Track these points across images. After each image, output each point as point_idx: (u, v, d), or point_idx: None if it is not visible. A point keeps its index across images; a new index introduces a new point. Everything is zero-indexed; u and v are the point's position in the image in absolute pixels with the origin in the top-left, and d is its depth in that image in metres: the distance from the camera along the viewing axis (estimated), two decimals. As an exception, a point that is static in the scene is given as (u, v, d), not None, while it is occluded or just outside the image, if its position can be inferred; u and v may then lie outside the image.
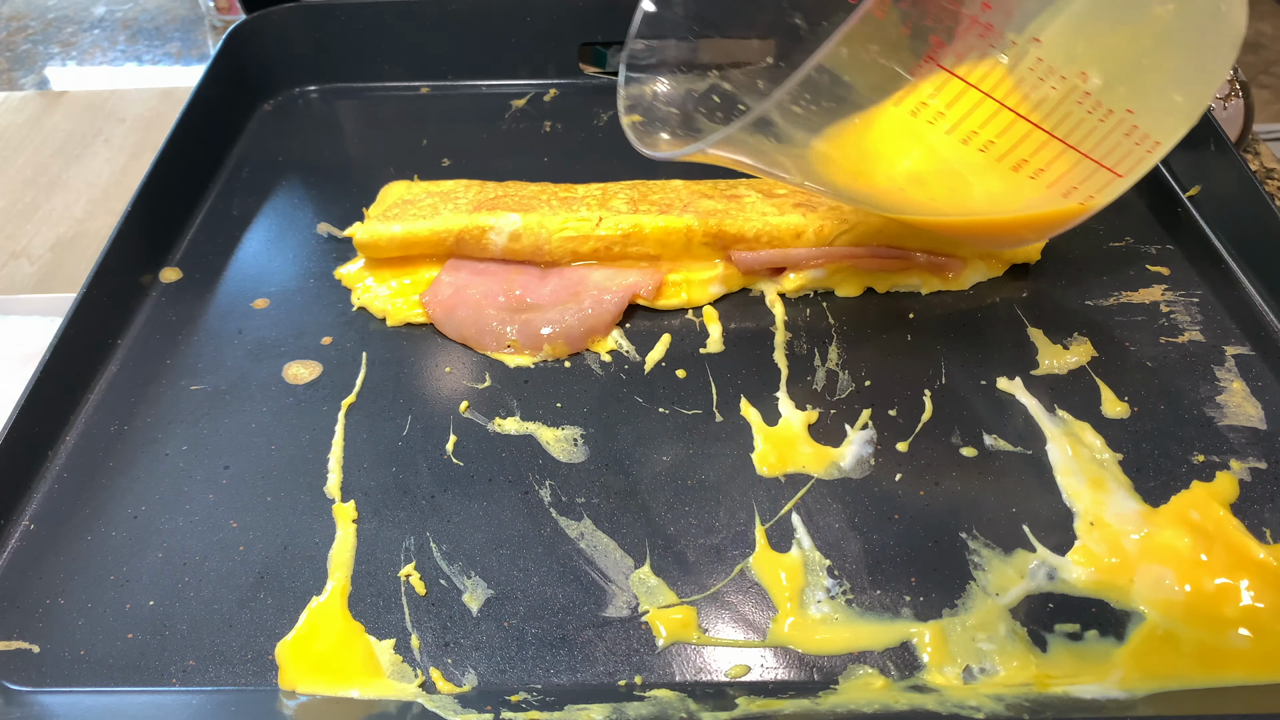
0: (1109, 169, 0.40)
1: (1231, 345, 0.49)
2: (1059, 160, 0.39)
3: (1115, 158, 0.40)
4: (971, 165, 0.40)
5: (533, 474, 0.45)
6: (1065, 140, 0.39)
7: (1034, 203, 0.42)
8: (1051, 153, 0.39)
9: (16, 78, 0.92)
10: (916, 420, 0.47)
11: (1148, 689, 0.36)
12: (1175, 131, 0.40)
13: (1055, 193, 0.41)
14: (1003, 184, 0.41)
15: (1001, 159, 0.39)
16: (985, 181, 0.41)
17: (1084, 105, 0.38)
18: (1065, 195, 0.41)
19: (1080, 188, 0.41)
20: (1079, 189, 0.41)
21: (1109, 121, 0.38)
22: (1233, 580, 0.39)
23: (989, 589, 0.40)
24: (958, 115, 0.38)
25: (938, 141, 0.39)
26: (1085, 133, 0.38)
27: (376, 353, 0.52)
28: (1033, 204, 0.42)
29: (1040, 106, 0.38)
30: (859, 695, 0.37)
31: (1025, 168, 0.40)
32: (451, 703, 0.37)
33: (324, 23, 0.71)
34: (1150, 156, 0.40)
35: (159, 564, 0.42)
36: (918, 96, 0.37)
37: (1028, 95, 0.37)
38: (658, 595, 0.40)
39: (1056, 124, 0.38)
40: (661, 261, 0.54)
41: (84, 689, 0.38)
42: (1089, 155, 0.39)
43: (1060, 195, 0.41)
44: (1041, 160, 0.39)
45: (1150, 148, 0.39)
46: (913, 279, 0.53)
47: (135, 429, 0.48)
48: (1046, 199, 0.41)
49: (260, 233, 0.60)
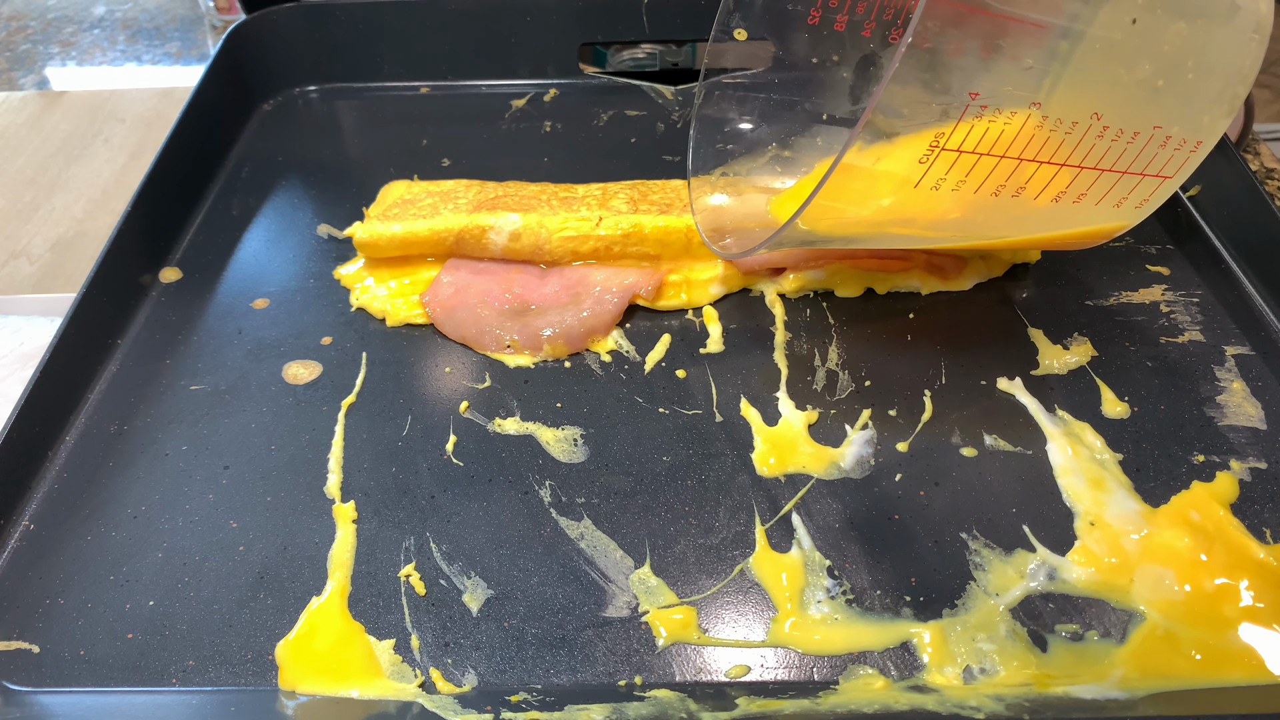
0: (1154, 175, 0.40)
1: (1231, 345, 0.49)
2: (1097, 184, 0.40)
3: (1157, 165, 0.40)
4: (1009, 208, 0.40)
5: (533, 474, 0.45)
6: (1096, 167, 0.39)
7: (1086, 219, 0.42)
8: (1087, 180, 0.40)
9: (16, 78, 0.92)
10: (916, 420, 0.47)
11: (1148, 689, 0.36)
12: (1215, 128, 0.40)
13: (1105, 207, 0.41)
14: (1047, 214, 0.41)
15: (1038, 198, 0.40)
16: (1029, 215, 0.41)
17: (1106, 137, 0.38)
18: (1116, 206, 0.41)
19: (1129, 198, 0.41)
20: (1128, 199, 0.41)
21: (1139, 142, 0.38)
22: (1233, 580, 0.39)
23: (989, 589, 0.40)
24: (976, 181, 0.38)
25: (969, 200, 0.39)
26: (1116, 157, 0.39)
27: (376, 353, 0.52)
28: (1085, 220, 0.42)
29: (1060, 150, 0.38)
30: (859, 695, 0.37)
31: (1064, 198, 0.40)
32: (451, 703, 0.37)
33: (324, 23, 0.71)
34: (1195, 155, 0.40)
35: (159, 564, 0.42)
36: (932, 176, 0.38)
37: (1045, 145, 0.38)
38: (658, 595, 0.40)
39: (1082, 158, 0.38)
40: (661, 261, 0.54)
41: (84, 689, 0.38)
42: (1127, 172, 0.39)
43: (1112, 207, 0.41)
44: (1079, 188, 0.40)
45: (1193, 148, 0.39)
46: (913, 279, 0.53)
47: (135, 429, 0.48)
48: (1097, 213, 0.42)
49: (260, 233, 0.60)
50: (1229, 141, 0.55)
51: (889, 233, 0.43)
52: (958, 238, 0.45)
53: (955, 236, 0.44)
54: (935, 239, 0.45)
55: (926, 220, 0.41)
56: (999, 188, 0.39)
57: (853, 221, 0.41)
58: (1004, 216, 0.41)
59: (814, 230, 0.41)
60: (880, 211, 0.40)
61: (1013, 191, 0.39)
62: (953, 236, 0.44)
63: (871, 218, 0.41)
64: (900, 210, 0.40)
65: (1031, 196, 0.40)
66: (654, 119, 0.69)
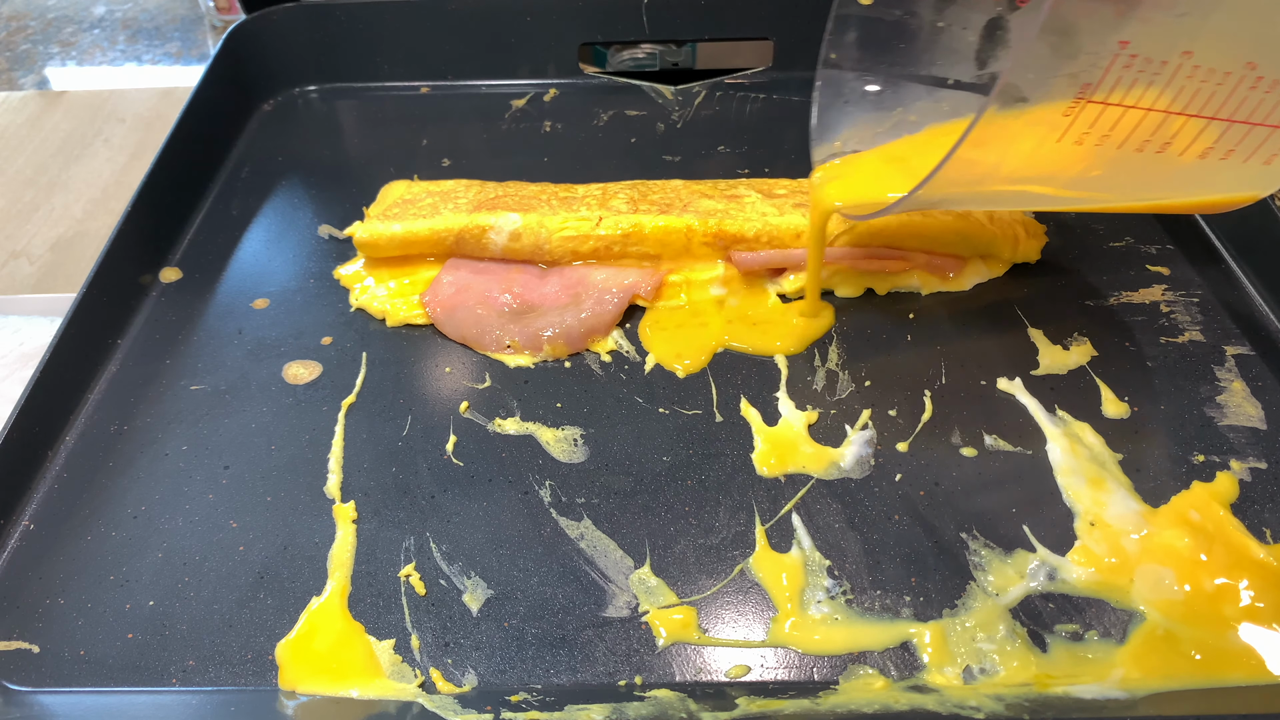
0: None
1: (1231, 345, 0.49)
2: (1248, 139, 0.38)
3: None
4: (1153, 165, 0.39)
5: (533, 474, 0.45)
6: (1248, 121, 0.38)
7: (1232, 178, 0.41)
8: (1237, 135, 0.38)
9: (16, 78, 0.92)
10: (916, 420, 0.47)
11: (1148, 689, 0.36)
12: None
13: (1255, 165, 0.40)
14: (1193, 172, 0.40)
15: (1184, 154, 0.38)
16: (1174, 173, 0.40)
17: (1260, 88, 0.36)
18: (1266, 163, 0.40)
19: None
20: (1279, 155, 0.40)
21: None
22: (1233, 580, 0.39)
23: (989, 589, 0.40)
24: (1121, 135, 0.37)
25: (1112, 156, 0.38)
26: (1269, 110, 0.37)
27: (376, 353, 0.52)
28: (1231, 179, 0.41)
29: (1211, 102, 0.37)
30: (859, 695, 0.37)
31: (1212, 154, 0.39)
32: (451, 703, 0.37)
33: (324, 23, 0.71)
34: None
35: (159, 564, 0.42)
36: (1078, 128, 0.37)
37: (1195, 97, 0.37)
38: (658, 595, 0.40)
39: (1233, 111, 0.37)
40: (661, 261, 0.54)
41: (84, 689, 0.38)
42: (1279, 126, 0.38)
43: (1262, 165, 0.40)
44: (1229, 143, 0.38)
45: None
46: (913, 279, 0.53)
47: (135, 429, 0.48)
48: (1245, 171, 0.40)
49: (260, 233, 0.60)
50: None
51: (1028, 190, 0.42)
52: (1098, 198, 0.43)
53: (1096, 196, 0.43)
54: (1075, 199, 0.44)
55: (1067, 178, 0.40)
56: (1144, 143, 0.37)
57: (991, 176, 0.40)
58: (1147, 174, 0.40)
59: (945, 191, 0.40)
60: (1020, 167, 0.39)
61: (1158, 147, 0.38)
62: (1093, 196, 0.43)
63: (1011, 173, 0.40)
64: (1041, 166, 0.39)
65: (1178, 152, 0.38)
66: (654, 119, 0.69)
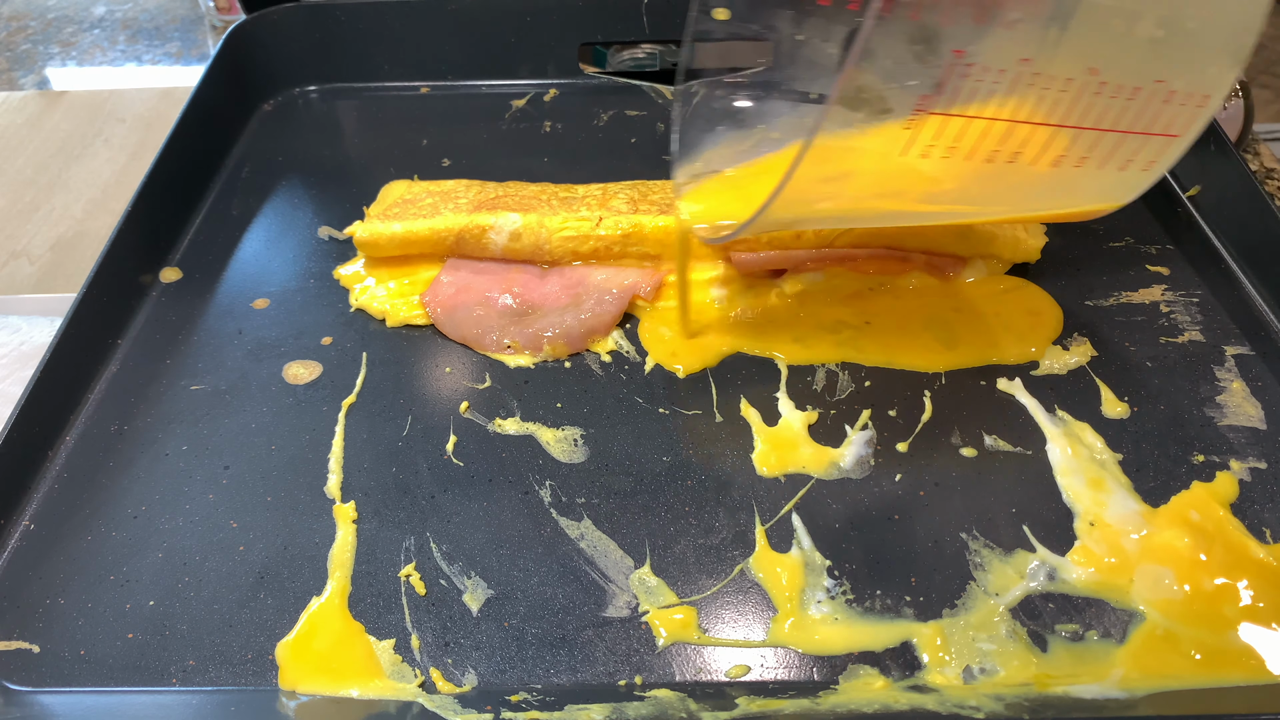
0: (1160, 134, 0.38)
1: (1231, 345, 0.49)
2: (1100, 145, 0.38)
3: (1162, 124, 0.38)
4: (1006, 176, 0.39)
5: (533, 474, 0.45)
6: (1096, 127, 0.37)
7: (1092, 185, 0.41)
8: (1088, 141, 0.38)
9: (16, 78, 0.92)
10: (916, 420, 0.47)
11: (1148, 689, 0.36)
12: (1222, 81, 0.38)
13: (1110, 171, 0.40)
14: (1050, 181, 0.40)
15: (1036, 163, 0.38)
16: (1029, 183, 0.40)
17: (1105, 94, 0.36)
18: (1122, 169, 0.40)
19: (1136, 159, 0.39)
20: (1135, 160, 0.39)
21: (1140, 98, 0.37)
22: (1233, 580, 0.39)
23: (989, 589, 0.40)
24: (968, 146, 0.37)
25: (962, 168, 0.38)
26: (1117, 115, 0.37)
27: (376, 353, 0.52)
28: (1092, 186, 0.41)
29: (1056, 109, 0.37)
30: (859, 695, 0.37)
31: (1065, 162, 0.38)
32: (451, 703, 0.37)
33: (324, 23, 0.71)
34: (1203, 110, 0.38)
35: (159, 564, 0.42)
36: (921, 142, 0.36)
37: (1039, 105, 0.36)
38: (658, 595, 0.40)
39: (1080, 118, 0.37)
40: (661, 261, 0.54)
41: (84, 689, 0.38)
42: (1131, 131, 0.38)
43: (1117, 171, 0.40)
44: (1081, 150, 0.38)
45: (1200, 102, 0.38)
46: (913, 279, 0.53)
47: (135, 429, 0.48)
48: (1104, 178, 0.40)
49: (260, 233, 0.60)
50: (1229, 141, 0.54)
51: (879, 208, 0.41)
52: (961, 211, 0.43)
53: (957, 210, 0.43)
54: (936, 213, 0.44)
55: (921, 192, 0.40)
56: (993, 153, 0.37)
57: (839, 195, 0.39)
58: (1002, 185, 0.40)
59: (795, 212, 0.40)
60: (868, 184, 0.39)
61: (1008, 157, 0.38)
62: (954, 210, 0.43)
63: (860, 190, 0.39)
64: (889, 181, 0.38)
65: (1029, 161, 0.38)
66: (654, 119, 0.69)
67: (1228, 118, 0.63)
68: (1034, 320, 0.51)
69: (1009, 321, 0.51)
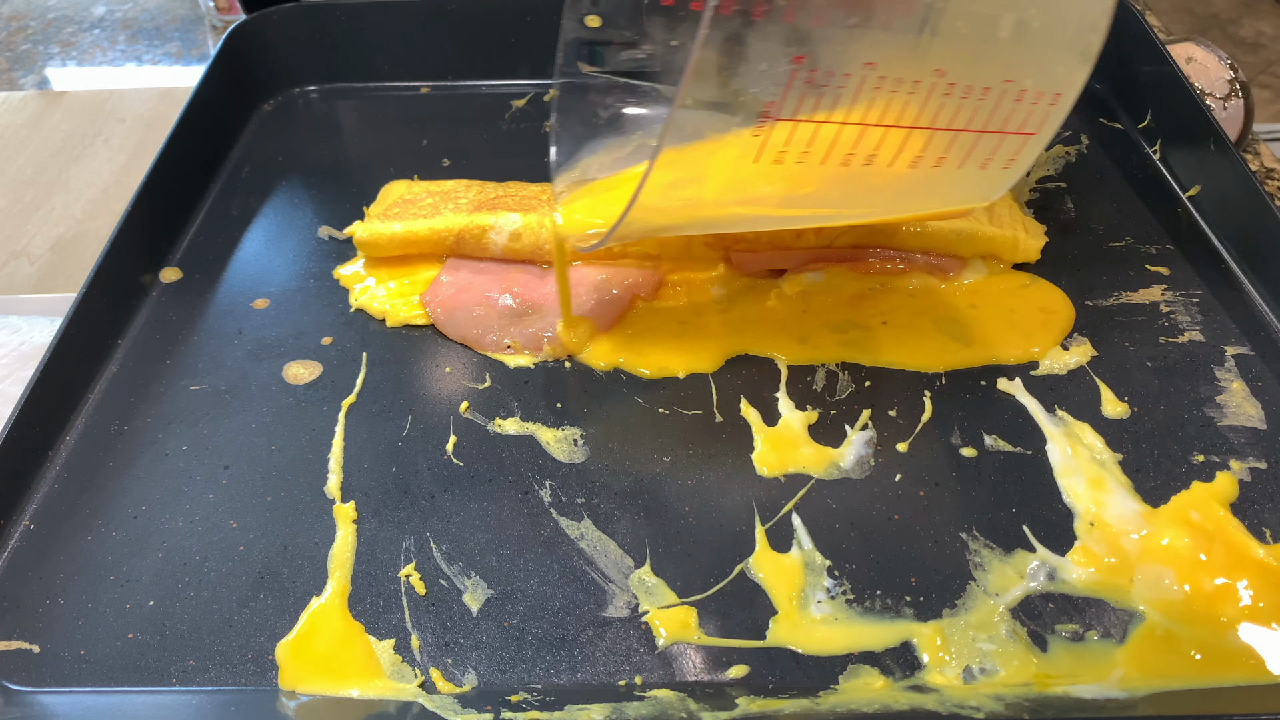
0: (1015, 133, 0.39)
1: (1231, 345, 0.49)
2: (955, 145, 0.38)
3: (1016, 122, 0.38)
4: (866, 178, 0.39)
5: (533, 474, 0.45)
6: (949, 128, 0.37)
7: (956, 183, 0.41)
8: (943, 142, 0.38)
9: (16, 78, 0.92)
10: (916, 420, 0.47)
11: (1148, 689, 0.36)
12: (1073, 79, 0.38)
13: (971, 170, 0.40)
14: (912, 181, 0.40)
15: (893, 164, 0.38)
16: (891, 184, 0.40)
17: (954, 95, 0.36)
18: (982, 168, 0.40)
19: (994, 158, 0.39)
20: (993, 159, 0.39)
21: (991, 97, 0.37)
22: (1233, 580, 0.39)
23: (989, 589, 0.40)
24: (821, 150, 0.37)
25: (819, 172, 0.38)
26: (969, 115, 0.37)
27: (377, 353, 0.52)
28: (956, 185, 0.41)
29: (908, 111, 0.36)
30: (859, 695, 0.37)
31: (923, 162, 0.38)
32: (451, 703, 0.37)
33: (324, 23, 0.71)
34: (1056, 108, 0.38)
35: (159, 564, 0.42)
36: (773, 147, 0.36)
37: (889, 107, 0.36)
38: (658, 595, 0.40)
39: (932, 119, 0.37)
40: (661, 261, 0.54)
41: (84, 689, 0.38)
42: (985, 130, 0.38)
43: (977, 170, 0.40)
44: (937, 151, 0.38)
45: (1052, 100, 0.38)
46: (913, 280, 0.53)
47: (135, 429, 0.48)
48: (965, 177, 0.40)
49: (260, 233, 0.60)
50: (1229, 141, 0.55)
51: (742, 213, 0.41)
52: (824, 215, 0.43)
53: (820, 214, 0.43)
54: (799, 217, 0.44)
55: (781, 197, 0.40)
56: (848, 156, 0.37)
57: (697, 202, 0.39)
58: (863, 187, 0.40)
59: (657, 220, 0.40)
60: (726, 191, 0.39)
61: (864, 160, 0.37)
62: (816, 214, 0.43)
63: (718, 197, 0.39)
64: (748, 187, 0.38)
65: (886, 164, 0.38)
66: (654, 119, 0.69)
67: (1228, 118, 0.63)
68: (1047, 317, 0.51)
69: (1022, 319, 0.51)
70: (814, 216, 0.44)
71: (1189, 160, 0.58)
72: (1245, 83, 0.65)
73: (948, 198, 0.42)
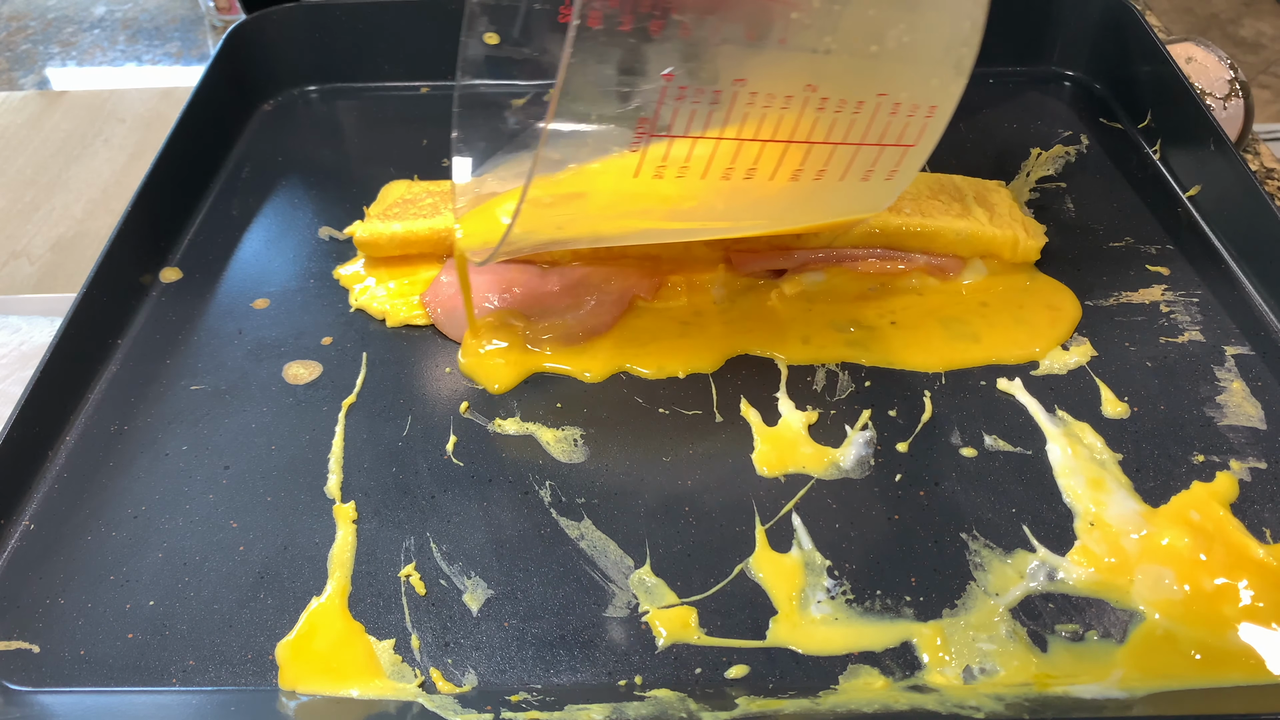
0: (894, 145, 0.39)
1: (1231, 345, 0.49)
2: (835, 158, 0.38)
3: (894, 134, 0.38)
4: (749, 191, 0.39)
5: (533, 474, 0.45)
6: (826, 141, 0.38)
7: (840, 194, 0.41)
8: (822, 155, 0.38)
9: (16, 78, 0.92)
10: (916, 420, 0.47)
11: (1148, 689, 0.36)
12: (948, 92, 0.38)
13: (853, 181, 0.40)
14: (796, 194, 0.40)
15: (774, 178, 0.38)
16: (775, 197, 0.40)
17: (828, 109, 0.36)
18: (865, 179, 0.40)
19: (876, 169, 0.40)
20: (875, 171, 0.40)
21: (866, 111, 0.37)
22: (1233, 580, 0.39)
23: (989, 589, 0.40)
24: (700, 165, 0.37)
25: (701, 186, 0.38)
26: (845, 129, 0.37)
27: (377, 353, 0.52)
28: (839, 195, 0.41)
29: (783, 126, 0.37)
30: (859, 695, 0.37)
31: (804, 175, 0.39)
32: (451, 703, 0.37)
33: (324, 23, 0.71)
34: (933, 120, 0.39)
35: (159, 564, 0.42)
36: (651, 162, 0.36)
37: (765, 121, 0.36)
38: (658, 595, 0.40)
39: (809, 133, 0.37)
40: (661, 261, 0.54)
41: (84, 689, 0.38)
42: (864, 143, 0.38)
43: (860, 181, 0.40)
44: (817, 164, 0.38)
45: (928, 113, 0.38)
46: (913, 280, 0.53)
47: (135, 429, 0.48)
48: (848, 188, 0.40)
49: (260, 233, 0.60)
50: (1229, 141, 0.55)
51: (629, 227, 0.41)
52: (713, 228, 0.43)
53: (709, 226, 0.43)
54: (688, 230, 0.44)
55: (664, 211, 0.40)
56: (727, 170, 0.37)
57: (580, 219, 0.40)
58: (748, 200, 0.40)
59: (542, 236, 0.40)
60: (610, 205, 0.39)
61: (744, 174, 0.38)
62: (706, 226, 0.43)
63: (600, 213, 0.39)
64: (632, 202, 0.39)
65: (766, 177, 0.38)
66: (654, 119, 0.69)
67: (1228, 118, 0.63)
68: (1054, 315, 0.51)
69: (1030, 314, 0.51)
70: (705, 229, 0.44)
71: (1189, 160, 0.58)
72: (1245, 83, 0.65)
73: (836, 209, 0.43)
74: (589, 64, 0.33)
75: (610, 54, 0.33)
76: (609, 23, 0.32)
